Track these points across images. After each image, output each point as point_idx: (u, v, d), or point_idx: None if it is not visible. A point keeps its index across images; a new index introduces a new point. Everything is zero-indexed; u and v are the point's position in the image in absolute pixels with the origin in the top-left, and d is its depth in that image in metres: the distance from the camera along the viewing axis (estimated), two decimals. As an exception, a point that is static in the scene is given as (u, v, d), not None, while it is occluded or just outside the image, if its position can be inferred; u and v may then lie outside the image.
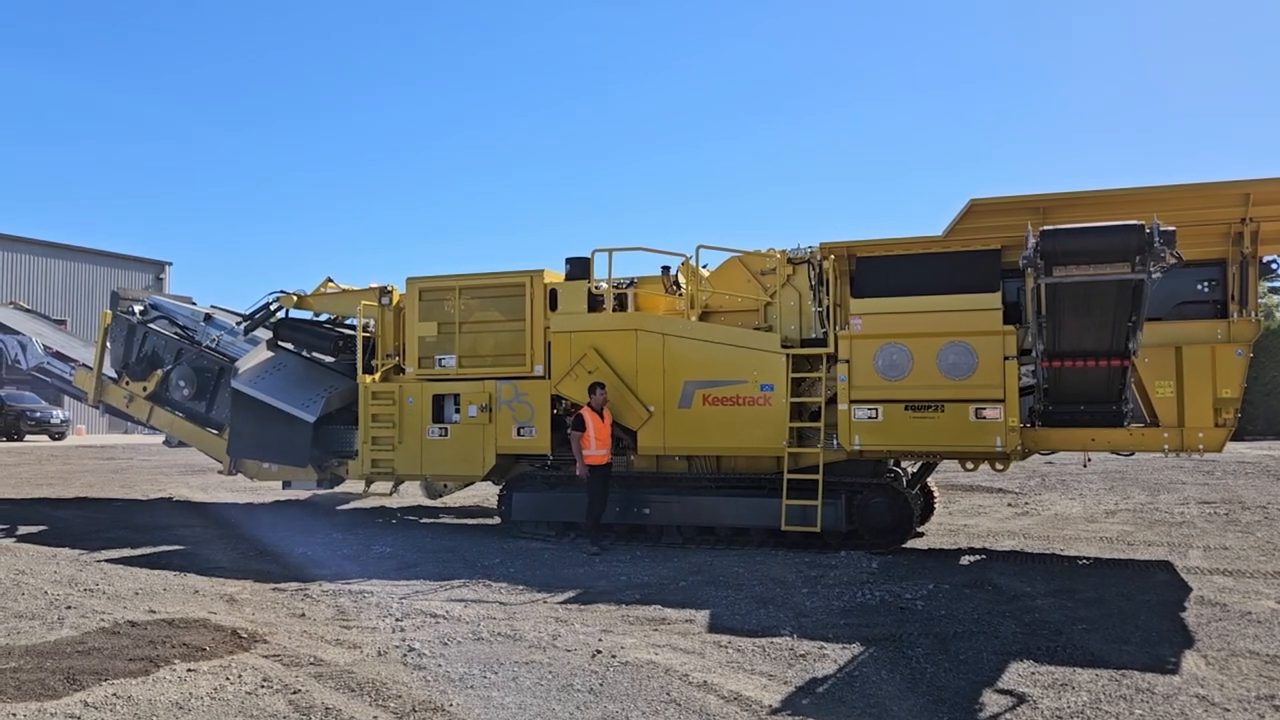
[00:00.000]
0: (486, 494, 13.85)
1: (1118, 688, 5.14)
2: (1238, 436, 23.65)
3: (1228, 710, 4.80)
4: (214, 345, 13.58)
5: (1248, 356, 8.41)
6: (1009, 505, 13.00)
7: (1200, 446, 8.54)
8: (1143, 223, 6.91)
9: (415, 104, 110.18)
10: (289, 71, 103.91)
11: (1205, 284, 8.68)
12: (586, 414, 9.69)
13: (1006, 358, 8.68)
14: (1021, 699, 5.00)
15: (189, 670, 5.53)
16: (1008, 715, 4.79)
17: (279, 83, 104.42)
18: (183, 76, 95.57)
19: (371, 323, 11.83)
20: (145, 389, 13.62)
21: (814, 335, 9.78)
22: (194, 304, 14.90)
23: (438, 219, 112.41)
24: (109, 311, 14.12)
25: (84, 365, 14.70)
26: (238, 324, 13.47)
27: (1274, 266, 8.91)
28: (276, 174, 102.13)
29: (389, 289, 11.79)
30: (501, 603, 7.39)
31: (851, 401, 9.13)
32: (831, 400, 9.43)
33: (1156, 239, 6.76)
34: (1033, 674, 5.41)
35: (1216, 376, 8.42)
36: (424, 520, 12.49)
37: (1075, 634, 6.26)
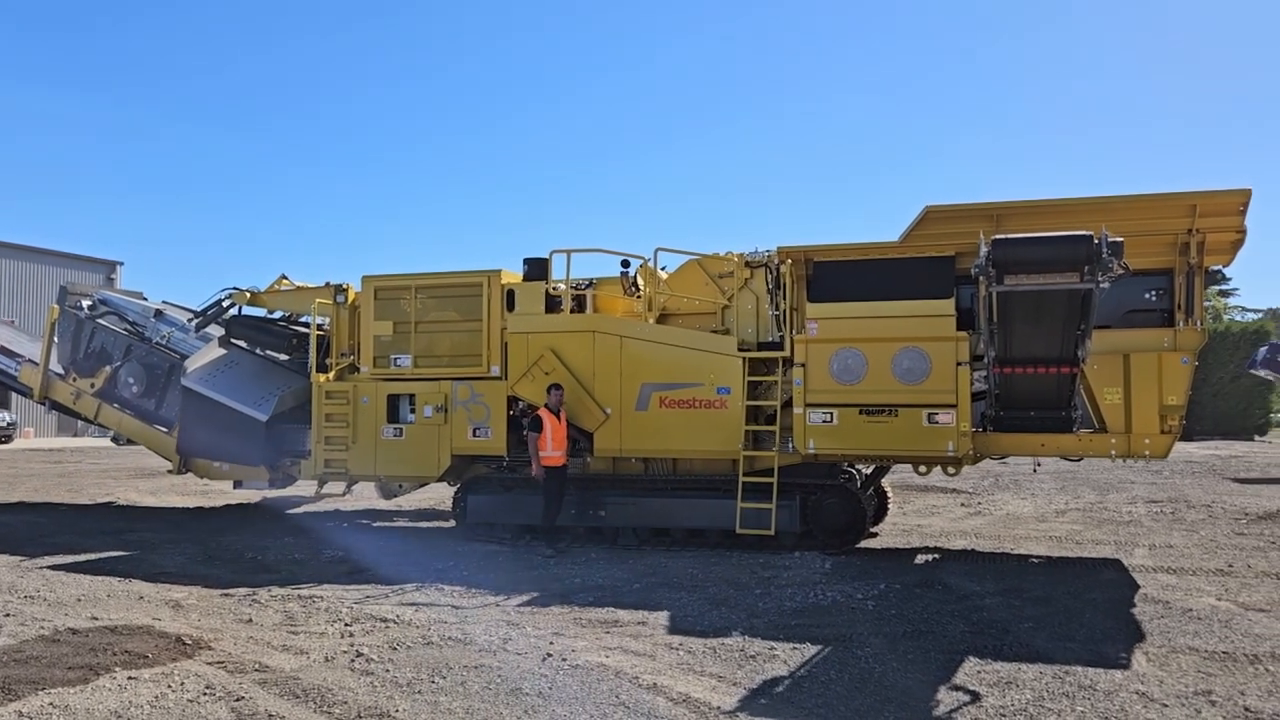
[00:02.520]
0: (442, 496, 13.72)
1: (1061, 685, 5.23)
2: (1186, 436, 24.28)
3: (1166, 706, 4.90)
4: (164, 342, 13.33)
5: (1193, 364, 8.60)
6: (962, 505, 13.18)
7: (1147, 452, 8.73)
8: (1091, 233, 7.01)
9: (380, 107, 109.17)
10: (261, 70, 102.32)
11: (1153, 293, 8.86)
12: (544, 415, 9.65)
13: (959, 363, 8.81)
14: (967, 697, 5.07)
15: (129, 678, 5.41)
16: (954, 714, 4.85)
17: (253, 81, 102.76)
18: (167, 79, 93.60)
19: (326, 321, 11.67)
20: (93, 385, 13.34)
21: (771, 339, 9.83)
22: (145, 300, 14.60)
23: (397, 221, 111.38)
24: (56, 306, 13.80)
25: (30, 361, 14.33)
26: (189, 320, 13.21)
27: (1222, 274, 9.12)
28: (240, 172, 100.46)
29: (344, 287, 11.65)
30: (454, 606, 7.33)
31: (807, 405, 9.19)
32: (787, 404, 9.48)
33: (1105, 249, 6.86)
34: (979, 672, 5.48)
35: (1163, 384, 8.60)
36: (378, 523, 12.36)
37: (1022, 632, 6.37)
